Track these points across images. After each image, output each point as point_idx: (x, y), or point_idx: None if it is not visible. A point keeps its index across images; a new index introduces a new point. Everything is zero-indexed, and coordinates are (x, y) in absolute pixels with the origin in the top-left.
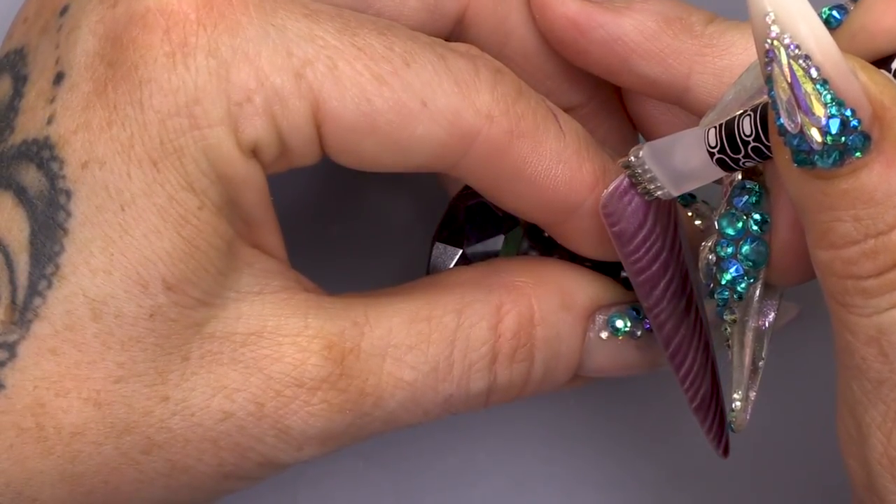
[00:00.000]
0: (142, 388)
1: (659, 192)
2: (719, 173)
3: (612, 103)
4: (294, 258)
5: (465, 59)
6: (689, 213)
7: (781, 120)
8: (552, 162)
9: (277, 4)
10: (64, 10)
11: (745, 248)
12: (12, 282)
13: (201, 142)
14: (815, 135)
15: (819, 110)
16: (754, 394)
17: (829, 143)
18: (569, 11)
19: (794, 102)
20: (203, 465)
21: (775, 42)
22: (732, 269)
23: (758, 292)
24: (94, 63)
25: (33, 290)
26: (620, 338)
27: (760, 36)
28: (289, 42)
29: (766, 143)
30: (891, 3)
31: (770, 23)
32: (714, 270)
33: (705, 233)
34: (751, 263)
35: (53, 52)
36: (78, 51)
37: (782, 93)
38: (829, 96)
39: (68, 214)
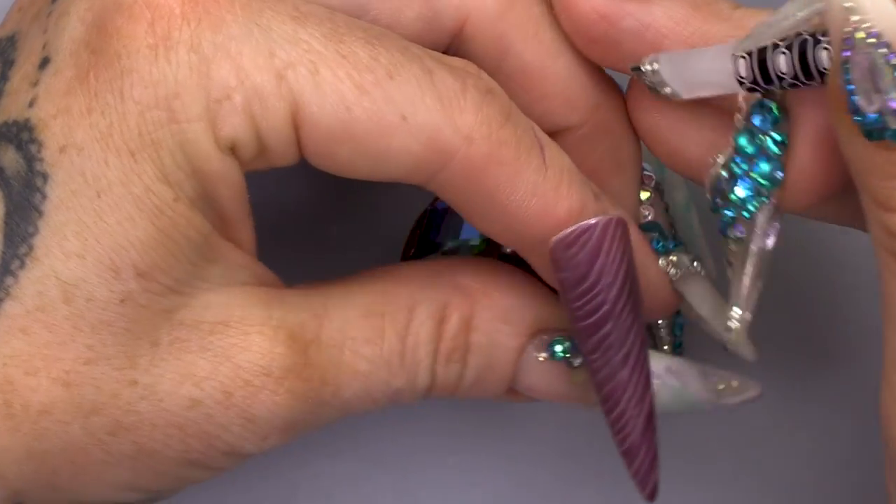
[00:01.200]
0: (111, 371)
1: (667, 90)
2: (737, 89)
3: (611, 124)
4: (294, 258)
5: (455, 76)
6: (663, 262)
7: (856, 101)
8: (526, 194)
9: (265, 4)
10: None
11: (760, 167)
12: None
13: (179, 136)
14: (893, 119)
15: None
16: (750, 315)
17: None
18: (597, 5)
19: (872, 87)
20: (169, 451)
21: (854, 32)
22: (745, 188)
23: (764, 214)
24: (80, 50)
25: (6, 269)
26: (557, 362)
27: (838, 24)
28: (272, 43)
29: (804, 81)
30: None
31: (849, 12)
32: (723, 186)
33: (678, 283)
34: (765, 183)
35: (41, 38)
36: (65, 37)
37: (861, 79)
38: None
39: (44, 197)
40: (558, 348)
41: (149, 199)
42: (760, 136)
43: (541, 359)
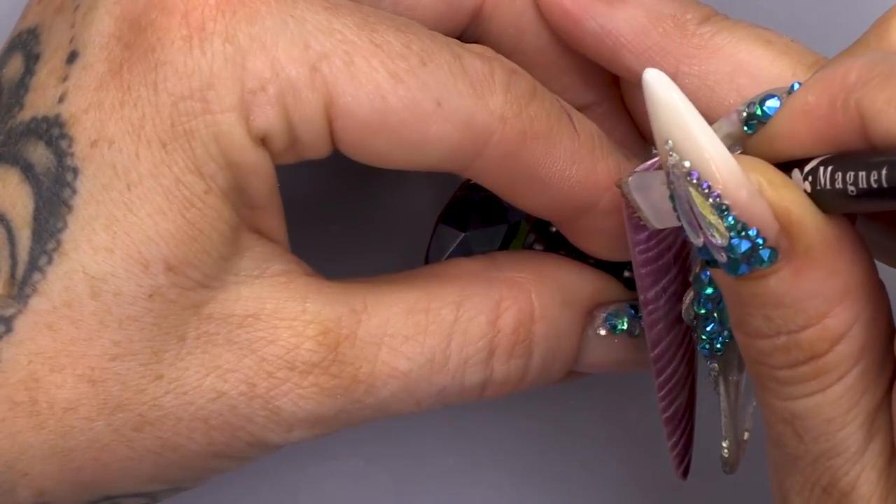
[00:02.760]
0: (136, 367)
1: (645, 221)
2: None
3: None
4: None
5: (481, 60)
6: None
7: (686, 233)
8: (566, 163)
9: None
10: None
11: (720, 309)
12: (13, 256)
13: (212, 127)
14: (719, 253)
15: (720, 234)
16: (748, 434)
17: (735, 258)
18: (564, 1)
19: (695, 224)
20: (193, 444)
21: (674, 169)
22: (710, 327)
23: (734, 349)
24: (110, 44)
25: (33, 266)
26: (617, 335)
27: (662, 160)
28: (307, 34)
29: None
30: (807, 114)
31: (669, 150)
32: (695, 324)
33: None
34: (726, 323)
35: (68, 32)
36: (93, 31)
37: (683, 213)
38: (730, 220)
39: (73, 192)
40: (618, 322)
41: (179, 191)
42: None
43: (601, 333)
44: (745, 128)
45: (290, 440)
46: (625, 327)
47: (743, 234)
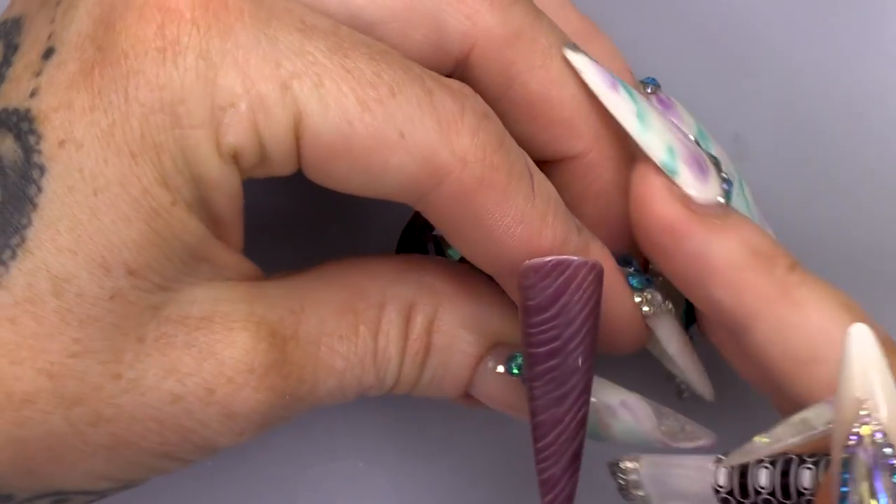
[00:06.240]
0: (95, 365)
1: (640, 493)
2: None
3: (614, 153)
4: (293, 257)
5: (453, 98)
6: (639, 300)
7: (849, 501)
8: (513, 220)
9: (272, 15)
10: None
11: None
12: None
13: (181, 141)
14: None
15: None
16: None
17: None
18: (667, 213)
19: (869, 487)
20: (146, 443)
21: (864, 427)
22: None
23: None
24: (85, 44)
25: None
26: (513, 377)
27: (847, 419)
28: (279, 53)
29: (780, 499)
30: None
31: (860, 403)
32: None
33: (649, 319)
34: None
35: (48, 27)
36: (72, 29)
37: (859, 478)
38: None
39: (39, 189)
40: (513, 366)
41: (146, 202)
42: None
43: (498, 370)
44: None
45: (239, 442)
46: (520, 373)
47: None
